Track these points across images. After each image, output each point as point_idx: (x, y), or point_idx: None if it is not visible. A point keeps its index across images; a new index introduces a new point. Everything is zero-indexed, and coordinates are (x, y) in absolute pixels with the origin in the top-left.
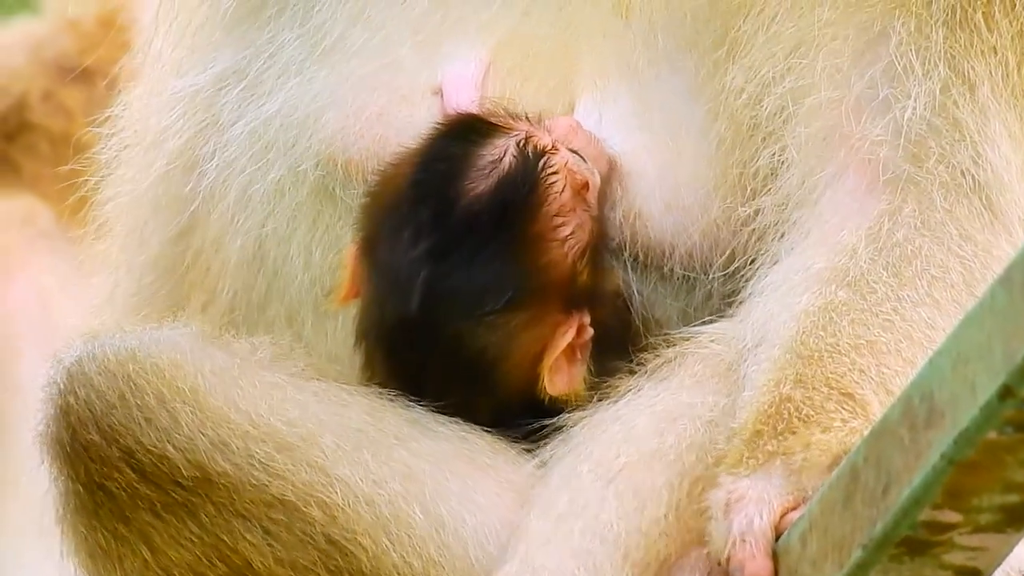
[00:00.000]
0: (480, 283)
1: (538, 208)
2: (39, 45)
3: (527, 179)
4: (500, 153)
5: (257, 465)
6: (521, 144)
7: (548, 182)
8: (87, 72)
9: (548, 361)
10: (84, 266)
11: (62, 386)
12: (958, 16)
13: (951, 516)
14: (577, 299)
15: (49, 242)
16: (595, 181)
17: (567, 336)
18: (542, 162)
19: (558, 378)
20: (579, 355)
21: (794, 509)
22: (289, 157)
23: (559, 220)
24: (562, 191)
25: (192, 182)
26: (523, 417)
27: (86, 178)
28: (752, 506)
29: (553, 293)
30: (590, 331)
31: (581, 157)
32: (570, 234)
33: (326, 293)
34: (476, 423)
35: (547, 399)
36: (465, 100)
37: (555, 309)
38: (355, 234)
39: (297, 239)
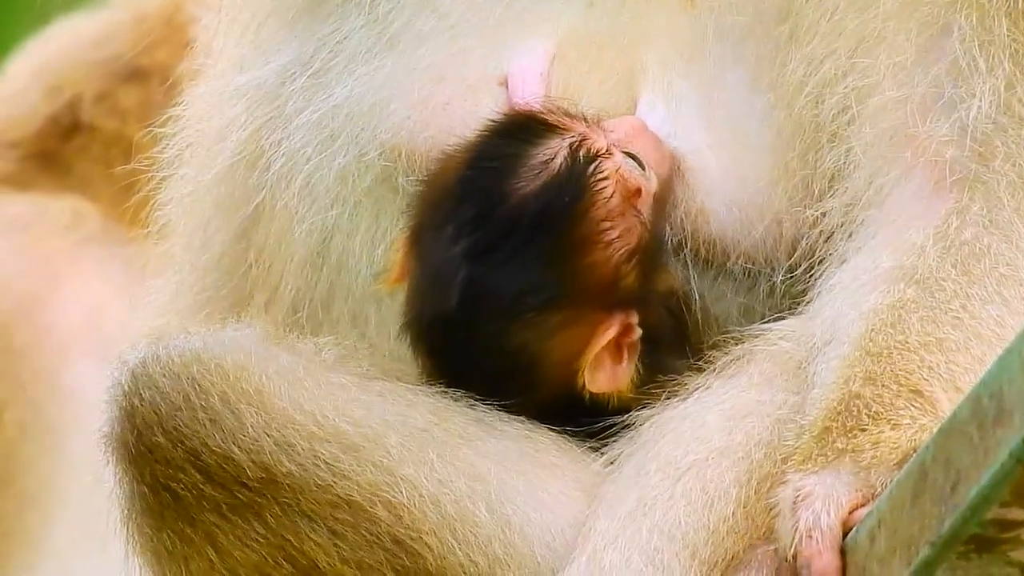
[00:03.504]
0: (519, 283)
1: (584, 212)
2: (97, 43)
3: (575, 183)
4: (551, 155)
5: (323, 466)
6: (574, 147)
7: (597, 187)
8: (143, 72)
9: (587, 358)
10: (133, 269)
11: (127, 388)
12: (1020, 5)
13: (1019, 514)
14: (622, 300)
15: (96, 245)
16: (649, 187)
17: (607, 334)
18: (593, 166)
19: (600, 375)
20: (626, 354)
21: (862, 506)
22: (354, 147)
23: (605, 224)
24: (611, 196)
25: (256, 176)
26: (570, 416)
27: (143, 179)
28: (820, 503)
29: (595, 294)
30: (638, 331)
31: (638, 161)
32: (616, 237)
33: (376, 274)
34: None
35: (588, 397)
36: (530, 92)
37: (597, 309)
38: (407, 220)
39: (361, 233)
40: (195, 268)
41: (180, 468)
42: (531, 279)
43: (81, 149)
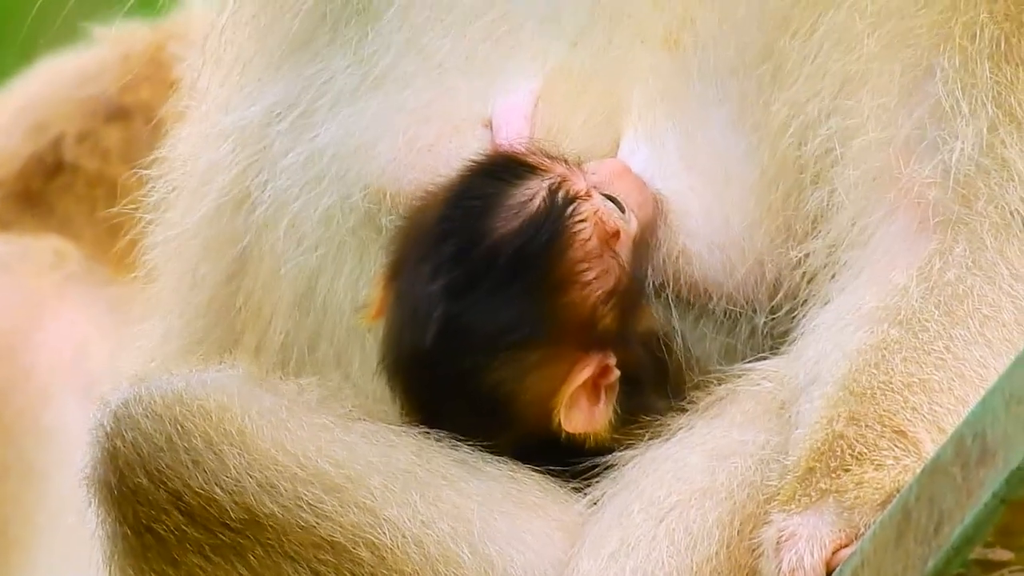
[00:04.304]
0: (495, 321)
1: (561, 254)
2: (81, 81)
3: (553, 224)
4: (531, 196)
5: (305, 507)
6: (553, 188)
7: (574, 229)
8: (126, 111)
9: (563, 397)
10: (116, 309)
11: (109, 429)
12: (1003, 48)
13: (1002, 554)
14: (599, 341)
15: (78, 284)
16: (628, 229)
17: (583, 374)
18: (571, 208)
19: (576, 415)
20: (603, 395)
21: (846, 546)
22: (340, 188)
23: (583, 266)
24: (588, 239)
25: (242, 218)
26: (551, 456)
27: (126, 220)
28: (803, 543)
29: (571, 334)
30: (615, 372)
31: (618, 204)
32: (593, 279)
33: (357, 308)
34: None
35: (564, 436)
36: (514, 133)
37: (574, 349)
38: (387, 255)
39: (345, 275)
40: (184, 312)
41: (163, 509)
42: (507, 318)
43: (63, 188)
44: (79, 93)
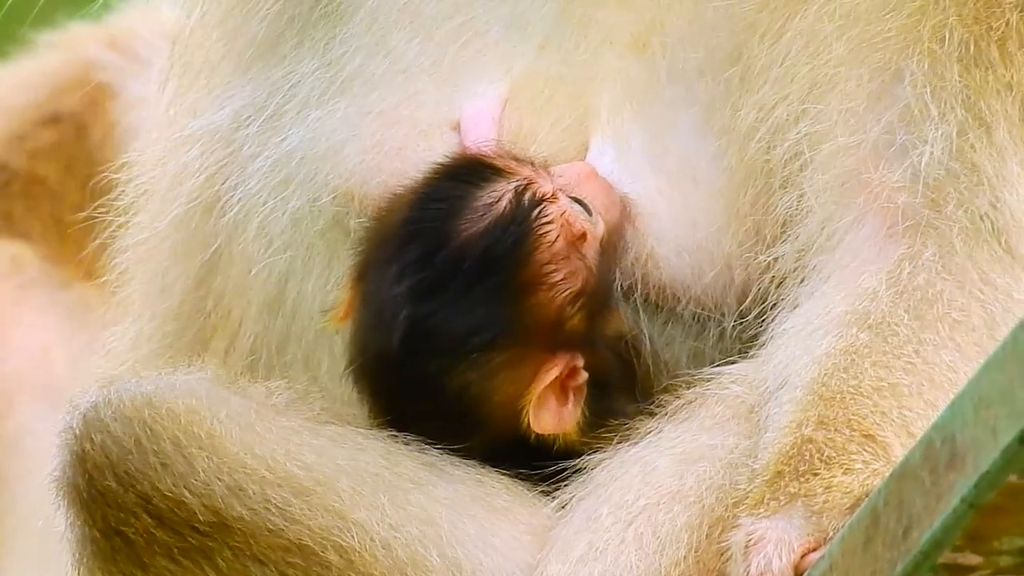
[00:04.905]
0: (462, 324)
1: (527, 256)
2: (35, 87)
3: (518, 227)
4: (496, 198)
5: (274, 510)
6: (519, 191)
7: (540, 231)
8: (80, 117)
9: (531, 397)
10: (75, 314)
11: (78, 432)
12: (972, 51)
13: (971, 559)
14: (567, 342)
15: (37, 290)
16: (595, 232)
17: (551, 373)
18: (537, 211)
19: (544, 416)
20: (572, 396)
21: (814, 550)
22: (308, 191)
23: (549, 268)
24: (555, 241)
25: (212, 221)
26: (520, 459)
27: (86, 225)
28: (771, 547)
29: (538, 335)
30: (583, 374)
31: (585, 206)
32: (560, 280)
33: (324, 311)
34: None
35: (534, 438)
36: (482, 136)
37: (541, 350)
38: (354, 259)
39: (314, 277)
40: (154, 316)
41: (131, 512)
42: (474, 320)
43: (18, 194)
44: (31, 99)
